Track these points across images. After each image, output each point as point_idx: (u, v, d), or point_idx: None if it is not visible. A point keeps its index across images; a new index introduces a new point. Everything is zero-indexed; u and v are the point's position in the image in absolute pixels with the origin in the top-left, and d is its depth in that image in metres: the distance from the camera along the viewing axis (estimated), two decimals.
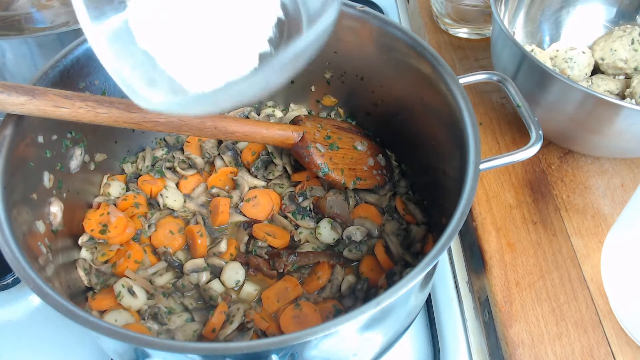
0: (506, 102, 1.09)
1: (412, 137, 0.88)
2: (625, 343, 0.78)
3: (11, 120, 0.66)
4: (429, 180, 0.87)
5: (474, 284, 0.88)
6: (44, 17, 1.09)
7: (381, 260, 0.82)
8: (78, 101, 0.65)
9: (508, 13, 1.09)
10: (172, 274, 0.82)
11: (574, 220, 0.91)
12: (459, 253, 0.95)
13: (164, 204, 0.88)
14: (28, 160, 0.69)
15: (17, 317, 0.84)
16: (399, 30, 0.80)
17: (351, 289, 0.80)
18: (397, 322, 0.71)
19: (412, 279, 0.55)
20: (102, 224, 0.81)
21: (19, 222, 0.64)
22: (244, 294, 0.79)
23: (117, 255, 0.81)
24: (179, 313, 0.78)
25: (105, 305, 0.77)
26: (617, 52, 1.02)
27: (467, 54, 1.21)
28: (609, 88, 1.01)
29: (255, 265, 0.81)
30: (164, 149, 0.96)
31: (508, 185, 0.96)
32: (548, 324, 0.79)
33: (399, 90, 0.86)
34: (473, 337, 0.84)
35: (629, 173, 0.98)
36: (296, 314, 0.76)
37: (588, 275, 0.84)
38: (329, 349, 0.60)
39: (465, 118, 0.69)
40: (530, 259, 0.86)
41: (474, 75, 0.79)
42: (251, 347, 0.51)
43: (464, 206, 0.61)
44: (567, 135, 0.96)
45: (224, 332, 0.73)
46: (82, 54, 0.76)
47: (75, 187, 0.81)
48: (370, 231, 0.85)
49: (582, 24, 1.14)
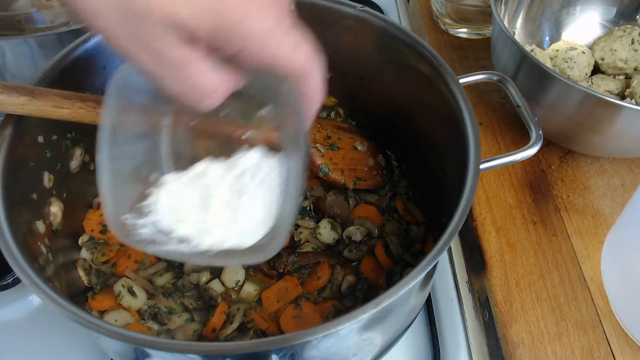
0: (506, 102, 1.09)
1: (412, 137, 0.88)
2: (625, 343, 0.78)
3: (11, 121, 0.66)
4: (429, 180, 0.87)
5: (474, 284, 0.88)
6: (44, 17, 1.09)
7: (381, 260, 0.82)
8: (78, 101, 0.65)
9: (508, 13, 1.09)
10: (172, 274, 0.82)
11: (574, 220, 0.91)
12: (459, 253, 0.95)
13: None
14: (28, 160, 0.69)
15: (17, 317, 0.84)
16: (399, 30, 0.80)
17: (351, 289, 0.80)
18: (397, 322, 0.71)
19: (412, 279, 0.55)
20: (102, 224, 0.81)
21: (19, 222, 0.64)
22: (244, 294, 0.79)
23: (117, 255, 0.81)
24: (179, 313, 0.78)
25: (105, 305, 0.77)
26: (617, 52, 1.02)
27: (467, 54, 1.21)
28: (609, 88, 1.01)
29: (255, 265, 0.81)
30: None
31: (508, 185, 0.96)
32: (548, 324, 0.79)
33: (399, 90, 0.86)
34: (473, 337, 0.84)
35: (629, 173, 0.98)
36: (296, 314, 0.76)
37: (588, 275, 0.84)
38: (329, 349, 0.60)
39: (465, 118, 0.69)
40: (530, 259, 0.86)
41: (474, 75, 0.79)
42: (251, 347, 0.51)
43: (464, 206, 0.61)
44: (567, 135, 0.96)
45: (224, 332, 0.73)
46: (82, 54, 0.76)
47: (75, 187, 0.81)
48: (370, 231, 0.85)
49: (582, 24, 1.14)
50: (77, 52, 0.76)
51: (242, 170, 0.58)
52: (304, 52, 0.44)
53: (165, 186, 0.60)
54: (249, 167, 0.58)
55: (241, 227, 0.56)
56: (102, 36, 0.42)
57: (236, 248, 0.56)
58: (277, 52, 0.42)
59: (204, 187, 0.59)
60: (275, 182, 0.58)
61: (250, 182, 0.58)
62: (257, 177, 0.58)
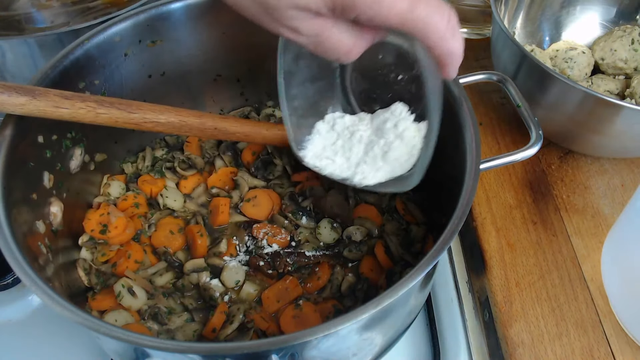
0: (506, 102, 1.09)
1: None
2: (625, 343, 0.78)
3: (11, 121, 0.66)
4: (428, 180, 0.87)
5: (474, 284, 0.88)
6: (44, 17, 1.09)
7: (381, 260, 0.82)
8: (78, 101, 0.65)
9: (508, 13, 1.09)
10: (172, 274, 0.82)
11: (574, 220, 0.91)
12: (459, 253, 0.94)
13: (164, 204, 0.88)
14: (28, 160, 0.69)
15: (17, 317, 0.84)
16: None
17: (351, 289, 0.80)
18: (397, 322, 0.71)
19: (412, 279, 0.55)
20: (102, 224, 0.81)
21: (19, 222, 0.64)
22: (244, 294, 0.79)
23: (117, 255, 0.81)
24: (179, 313, 0.78)
25: (105, 305, 0.77)
26: (617, 52, 1.02)
27: (467, 54, 1.19)
28: (609, 88, 1.01)
29: (255, 265, 0.81)
30: (164, 149, 0.96)
31: (508, 185, 0.96)
32: (548, 324, 0.79)
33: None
34: (473, 337, 0.84)
35: (629, 173, 0.98)
36: (296, 314, 0.76)
37: (588, 275, 0.84)
38: (329, 349, 0.60)
39: (465, 118, 0.69)
40: (530, 259, 0.86)
41: (474, 75, 0.79)
42: (251, 347, 0.51)
43: (464, 206, 0.61)
44: (567, 135, 0.96)
45: (224, 332, 0.73)
46: (82, 54, 0.76)
47: (75, 187, 0.81)
48: (370, 231, 0.85)
49: (582, 24, 1.14)
50: (77, 52, 0.76)
51: (385, 118, 0.69)
52: (421, 8, 0.48)
53: (318, 129, 0.74)
54: (389, 117, 0.69)
55: (381, 165, 0.68)
56: (251, 20, 0.53)
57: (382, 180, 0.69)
58: (391, 13, 0.47)
59: (349, 132, 0.72)
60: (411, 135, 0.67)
61: (391, 129, 0.68)
62: (398, 126, 0.68)
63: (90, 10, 1.09)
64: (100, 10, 1.09)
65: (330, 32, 0.51)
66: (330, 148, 0.72)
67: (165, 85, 0.92)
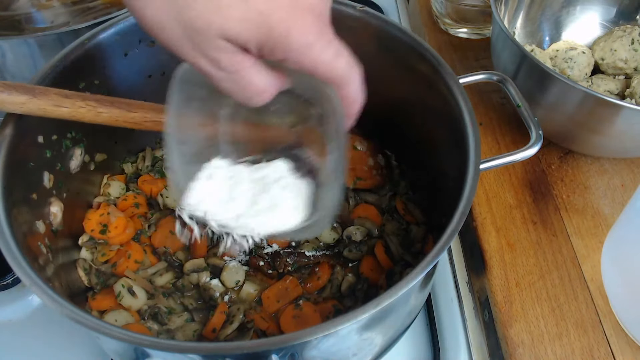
0: (506, 102, 1.09)
1: (412, 137, 0.88)
2: (625, 343, 0.78)
3: (11, 120, 0.66)
4: (429, 180, 0.87)
5: (474, 284, 0.88)
6: (44, 17, 1.09)
7: (381, 260, 0.82)
8: (79, 100, 0.65)
9: (508, 13, 1.09)
10: (172, 274, 0.82)
11: (574, 220, 0.91)
12: (459, 253, 0.95)
13: (164, 204, 0.88)
14: (28, 160, 0.69)
15: (17, 317, 0.84)
16: (399, 30, 0.80)
17: (351, 289, 0.80)
18: (397, 322, 0.71)
19: (412, 279, 0.55)
20: (102, 224, 0.81)
21: (19, 222, 0.64)
22: (244, 294, 0.79)
23: (117, 255, 0.81)
24: (179, 313, 0.78)
25: (105, 305, 0.77)
26: (617, 52, 1.02)
27: (467, 54, 1.21)
28: (609, 88, 1.01)
29: (256, 265, 0.81)
30: (164, 149, 0.96)
31: (508, 185, 0.96)
32: (548, 324, 0.79)
33: (399, 90, 0.86)
34: (473, 337, 0.84)
35: (629, 173, 0.98)
36: (296, 314, 0.76)
37: (588, 275, 0.84)
38: (329, 349, 0.60)
39: (465, 118, 0.69)
40: (530, 259, 0.86)
41: (474, 75, 0.79)
42: (251, 347, 0.51)
43: (464, 206, 0.61)
44: (567, 135, 0.96)
45: (224, 332, 0.73)
46: (82, 54, 0.76)
47: (75, 187, 0.81)
48: (370, 231, 0.85)
49: (582, 24, 1.14)
50: (77, 52, 0.76)
51: (266, 174, 0.67)
52: (343, 61, 0.50)
53: (201, 178, 0.68)
54: (270, 173, 0.67)
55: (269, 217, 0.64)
56: (165, 45, 0.48)
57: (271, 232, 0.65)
58: (318, 62, 0.48)
59: (233, 183, 0.67)
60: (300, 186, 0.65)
61: (273, 184, 0.65)
62: (280, 181, 0.65)
63: (90, 10, 1.09)
64: (100, 10, 1.09)
65: (249, 70, 0.49)
66: (212, 198, 0.67)
67: (165, 85, 0.91)
